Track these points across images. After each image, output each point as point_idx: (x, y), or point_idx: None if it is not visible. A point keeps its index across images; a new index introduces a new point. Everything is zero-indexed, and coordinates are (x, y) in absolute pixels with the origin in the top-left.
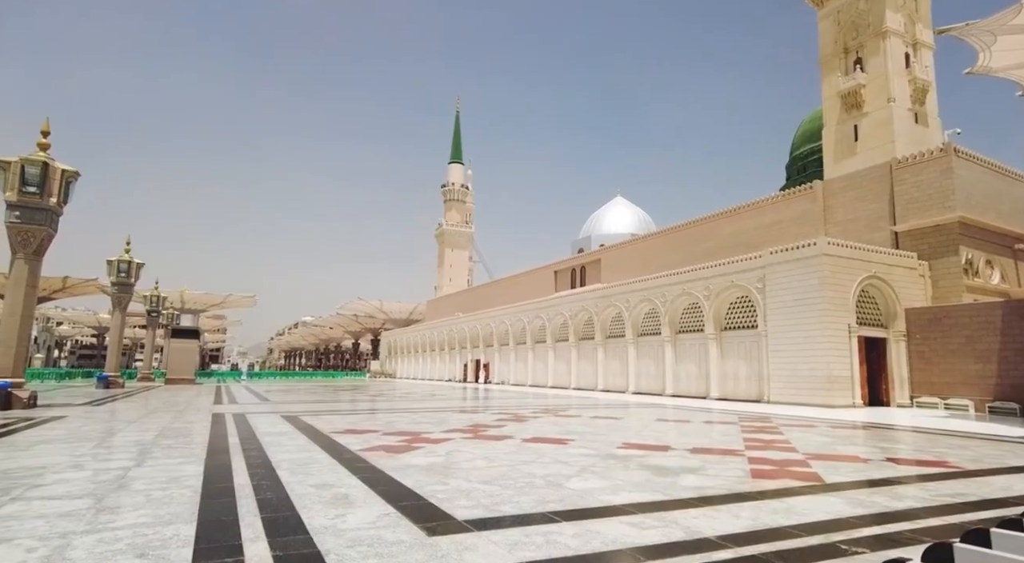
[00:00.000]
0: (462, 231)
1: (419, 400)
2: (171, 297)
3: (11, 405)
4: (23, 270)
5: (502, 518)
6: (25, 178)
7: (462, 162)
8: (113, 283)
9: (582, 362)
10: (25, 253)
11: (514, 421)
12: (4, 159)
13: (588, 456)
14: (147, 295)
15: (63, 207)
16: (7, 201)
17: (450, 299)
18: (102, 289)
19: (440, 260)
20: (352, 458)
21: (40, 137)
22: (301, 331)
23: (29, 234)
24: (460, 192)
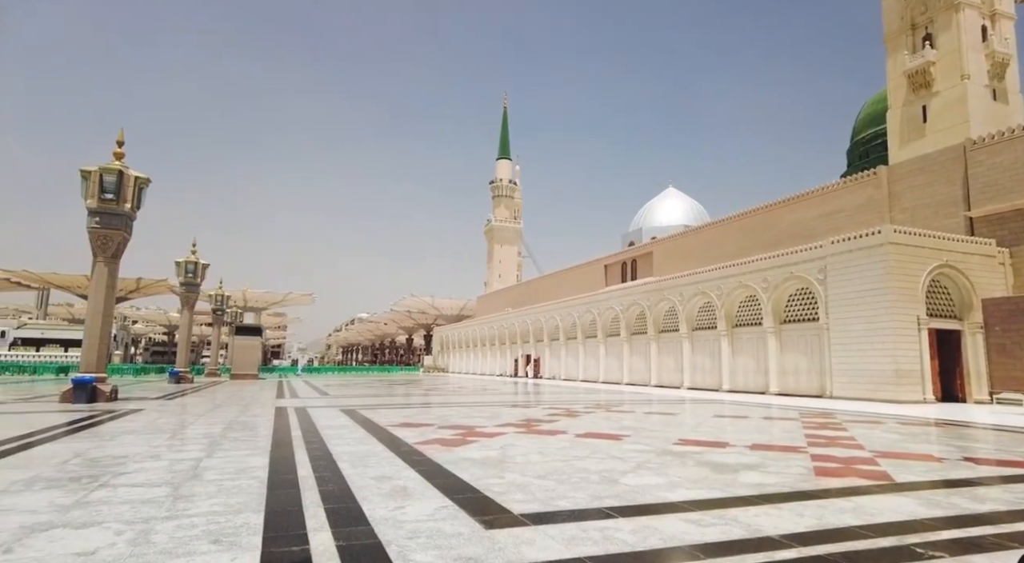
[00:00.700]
0: (510, 227)
1: (471, 394)
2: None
3: (96, 398)
4: (103, 272)
5: (558, 512)
6: (103, 186)
7: (510, 158)
8: (181, 283)
9: (634, 357)
10: (104, 256)
11: (566, 416)
12: (85, 169)
13: (643, 452)
14: (212, 294)
15: (136, 212)
16: (88, 208)
17: (499, 295)
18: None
19: (489, 256)
20: (409, 451)
21: (115, 147)
22: (357, 327)
23: (108, 238)
24: (508, 188)
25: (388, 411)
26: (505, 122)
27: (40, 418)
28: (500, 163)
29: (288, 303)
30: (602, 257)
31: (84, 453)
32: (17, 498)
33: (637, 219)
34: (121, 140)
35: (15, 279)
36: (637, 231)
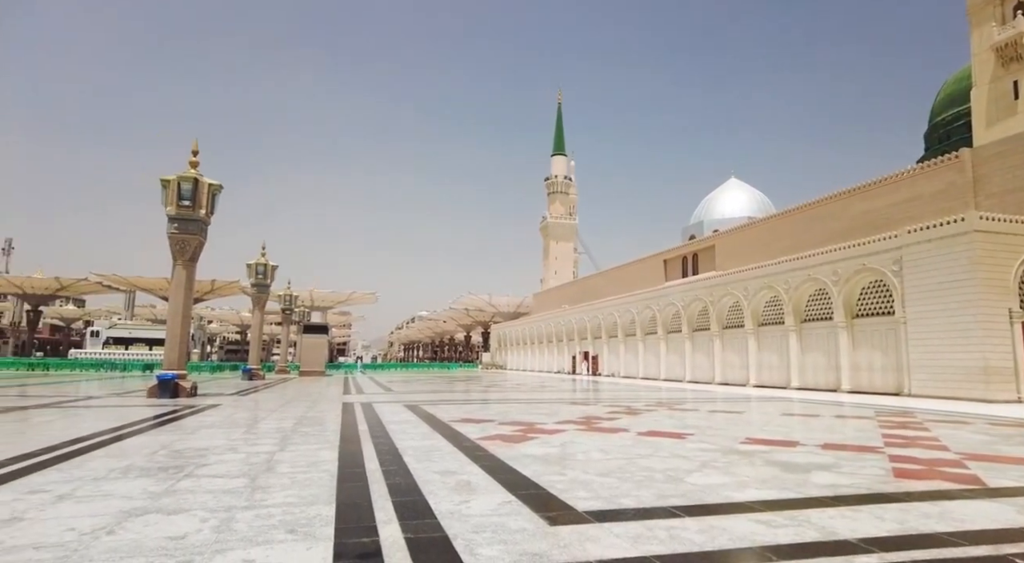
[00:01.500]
0: (566, 223)
1: (530, 391)
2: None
3: (178, 394)
4: (182, 275)
5: (623, 511)
6: (180, 193)
7: (565, 153)
8: (252, 284)
9: (697, 354)
10: (183, 260)
11: (627, 414)
12: (164, 178)
13: (708, 451)
14: (281, 294)
15: (211, 217)
16: (168, 214)
17: (556, 292)
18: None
19: (545, 253)
20: (471, 446)
21: (190, 156)
22: (418, 325)
23: (185, 243)
24: (563, 184)
25: (449, 407)
26: (560, 118)
27: (130, 412)
28: (555, 159)
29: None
30: (661, 251)
31: (170, 445)
32: (116, 484)
33: (698, 212)
34: (196, 150)
35: (106, 283)
36: (698, 224)
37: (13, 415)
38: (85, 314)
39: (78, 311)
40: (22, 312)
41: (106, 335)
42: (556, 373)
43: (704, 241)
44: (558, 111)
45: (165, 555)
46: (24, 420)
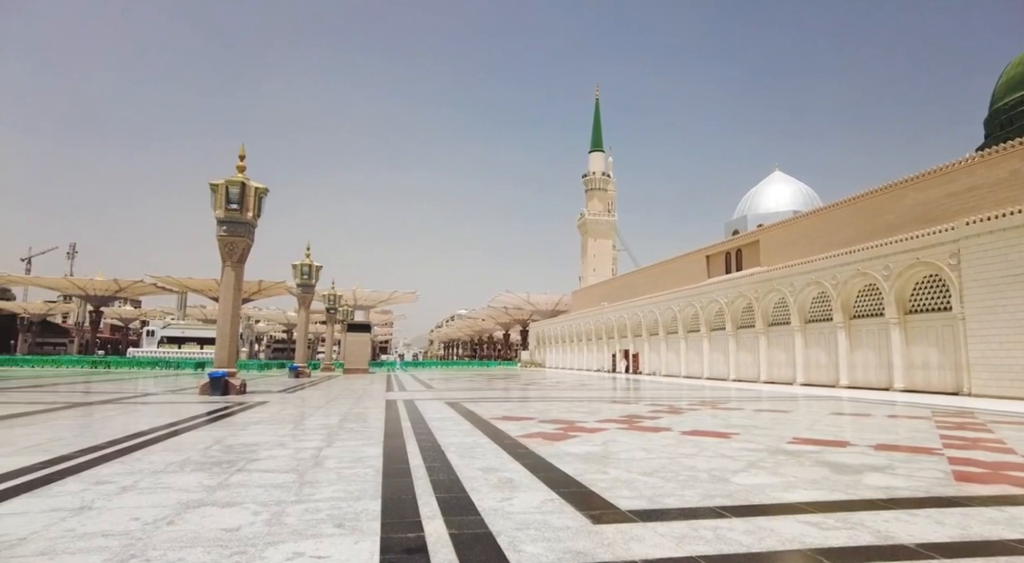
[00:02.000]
0: (604, 220)
1: (569, 389)
2: (345, 295)
3: (228, 391)
4: (231, 276)
5: (667, 510)
6: (228, 196)
7: (603, 150)
8: (298, 284)
9: (741, 352)
10: (231, 261)
11: (670, 413)
12: (213, 182)
13: (754, 450)
14: (326, 294)
15: (257, 220)
16: (217, 218)
17: (595, 289)
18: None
19: (583, 250)
20: (512, 444)
21: (238, 160)
22: (457, 323)
23: (234, 245)
24: (601, 180)
25: (489, 404)
26: (597, 114)
27: (184, 408)
28: (593, 156)
29: (393, 301)
30: (703, 247)
31: (222, 440)
32: (174, 477)
33: (741, 206)
34: (242, 154)
35: (160, 284)
36: (741, 219)
37: (80, 410)
38: (141, 314)
39: (135, 312)
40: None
41: (160, 334)
42: (596, 371)
43: (748, 236)
44: (596, 107)
45: (221, 546)
46: (89, 415)
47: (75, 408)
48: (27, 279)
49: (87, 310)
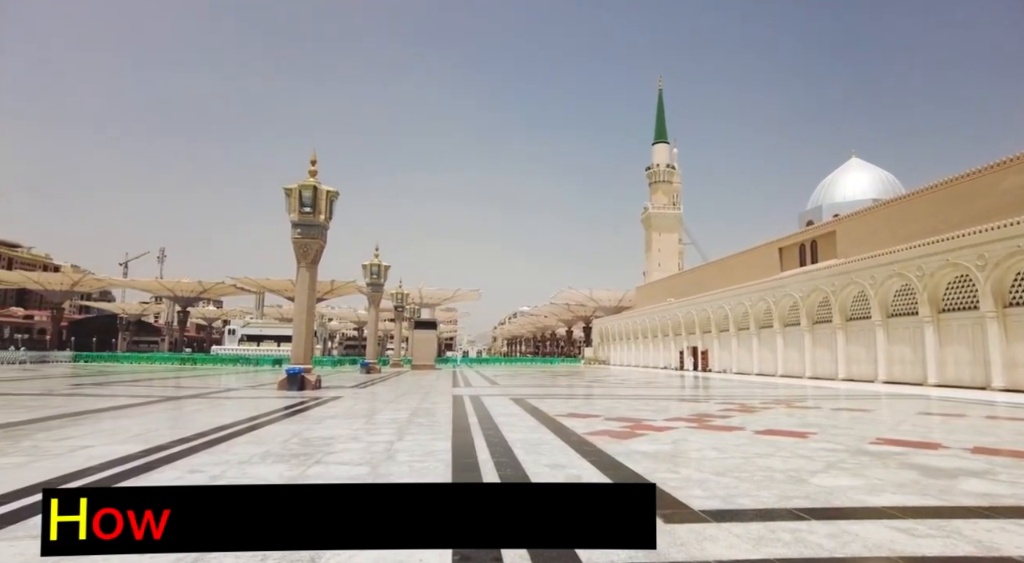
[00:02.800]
0: (669, 213)
1: (635, 387)
2: (411, 294)
3: (304, 386)
4: (305, 277)
5: (742, 511)
6: (302, 200)
7: (667, 141)
8: (368, 284)
9: (818, 348)
10: (306, 262)
11: (742, 411)
12: (287, 187)
13: (834, 451)
14: (393, 292)
15: (329, 222)
16: (291, 221)
17: (660, 284)
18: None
19: (647, 245)
20: (579, 441)
21: (310, 165)
22: (519, 320)
23: (308, 246)
24: (666, 173)
25: (554, 401)
26: (660, 105)
27: (264, 403)
28: (656, 147)
29: (458, 299)
30: (776, 239)
31: (299, 434)
32: (257, 468)
33: (815, 196)
34: (314, 159)
35: (240, 285)
36: (816, 209)
37: (172, 404)
38: (223, 314)
39: (217, 311)
40: (174, 313)
41: (241, 333)
42: (662, 369)
43: (823, 227)
44: (659, 98)
45: None
46: (180, 408)
47: (167, 402)
48: (124, 282)
49: (175, 310)
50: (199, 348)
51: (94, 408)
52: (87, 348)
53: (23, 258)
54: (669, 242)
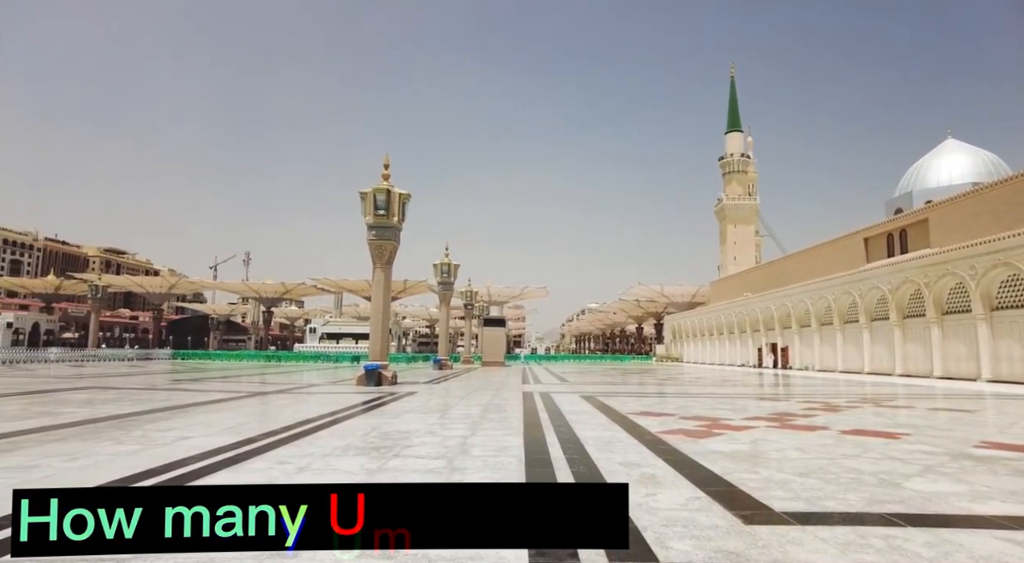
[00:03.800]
0: (745, 204)
1: (711, 385)
2: (480, 292)
3: (381, 382)
4: (380, 277)
5: (828, 514)
6: (376, 203)
7: (740, 129)
8: (439, 282)
9: (909, 344)
10: (381, 263)
11: (826, 410)
12: (362, 191)
13: (932, 454)
14: (463, 291)
15: (402, 223)
16: (367, 223)
17: (736, 279)
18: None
19: (722, 238)
20: (653, 440)
21: (383, 169)
22: (587, 317)
23: (382, 248)
24: (740, 163)
25: (626, 399)
26: (733, 93)
27: (344, 398)
28: (729, 136)
29: (525, 296)
30: (861, 229)
31: (378, 428)
32: (340, 460)
33: (905, 182)
34: (387, 163)
35: (320, 286)
36: (905, 196)
37: (259, 399)
38: (304, 313)
39: (299, 311)
40: (259, 312)
41: (321, 331)
42: (739, 366)
43: (914, 214)
44: (731, 86)
45: None
46: (267, 403)
47: (255, 397)
48: (214, 284)
49: (260, 310)
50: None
51: (192, 402)
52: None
53: (128, 263)
54: (745, 234)
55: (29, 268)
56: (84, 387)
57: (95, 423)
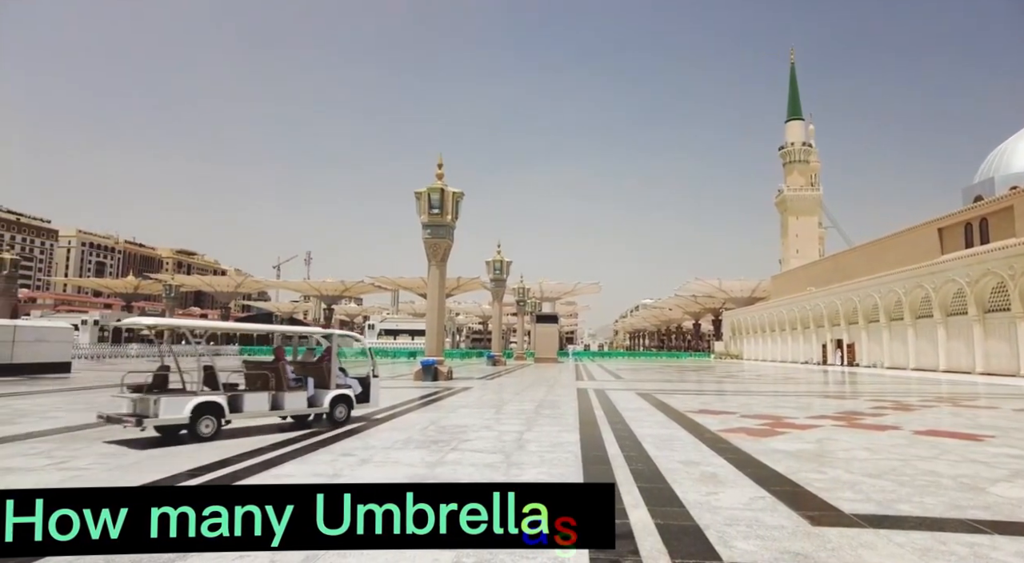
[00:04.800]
0: (807, 195)
1: (773, 383)
2: (532, 288)
3: (437, 377)
4: (435, 274)
5: (904, 518)
6: (431, 203)
7: (802, 117)
8: (491, 279)
9: (991, 340)
10: (436, 261)
11: (897, 410)
12: (417, 191)
13: (1019, 458)
14: (515, 288)
15: (456, 221)
16: (422, 222)
17: (798, 272)
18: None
19: (783, 230)
20: (713, 438)
21: (436, 169)
22: (642, 313)
23: (437, 246)
24: (801, 152)
25: (683, 397)
26: (793, 79)
27: (402, 392)
28: (790, 125)
29: (578, 293)
30: (935, 219)
31: (436, 422)
32: (400, 453)
33: (986, 167)
34: (440, 163)
35: (377, 284)
36: (986, 182)
37: None
38: (363, 311)
39: (358, 308)
40: (320, 310)
41: (379, 328)
42: (802, 363)
43: (996, 202)
44: (791, 72)
45: None
46: None
47: None
48: (277, 283)
49: (321, 308)
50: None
51: None
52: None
53: (198, 264)
54: (807, 226)
55: (111, 269)
56: None
57: None
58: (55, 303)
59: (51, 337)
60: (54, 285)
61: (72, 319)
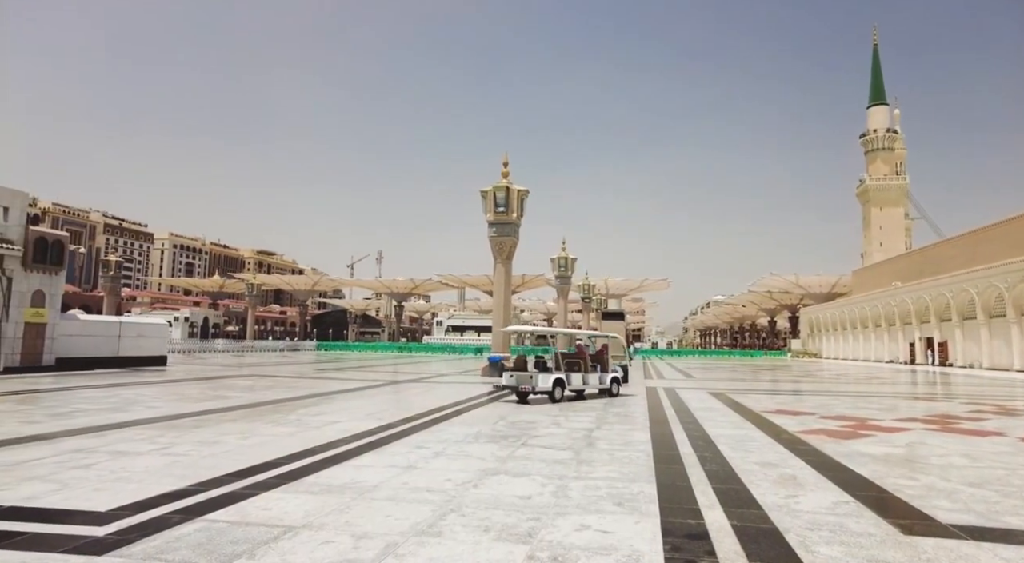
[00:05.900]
0: (892, 185)
1: (854, 383)
2: (598, 285)
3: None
4: (501, 272)
5: (1010, 531)
6: (496, 201)
7: (886, 102)
8: (556, 276)
9: None
10: (501, 258)
11: (998, 413)
12: (483, 190)
13: None
14: (580, 284)
15: (521, 219)
16: (488, 221)
17: (883, 266)
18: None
19: (865, 222)
20: (791, 439)
21: (502, 167)
22: (713, 310)
23: (503, 244)
24: (886, 139)
25: (758, 396)
26: (876, 62)
27: (470, 388)
28: (872, 111)
29: (645, 289)
30: None
31: (505, 417)
32: (471, 447)
33: None
34: (506, 161)
35: (444, 281)
36: None
37: (394, 387)
38: (431, 308)
39: (426, 305)
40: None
41: (446, 324)
42: (888, 363)
43: None
44: (874, 54)
45: (518, 511)
46: (402, 391)
47: (391, 385)
48: (351, 281)
49: (392, 305)
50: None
51: (336, 390)
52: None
53: (277, 263)
54: (893, 217)
55: (199, 269)
56: (245, 375)
57: (257, 407)
58: (152, 301)
59: (150, 333)
60: (150, 284)
61: (167, 316)
